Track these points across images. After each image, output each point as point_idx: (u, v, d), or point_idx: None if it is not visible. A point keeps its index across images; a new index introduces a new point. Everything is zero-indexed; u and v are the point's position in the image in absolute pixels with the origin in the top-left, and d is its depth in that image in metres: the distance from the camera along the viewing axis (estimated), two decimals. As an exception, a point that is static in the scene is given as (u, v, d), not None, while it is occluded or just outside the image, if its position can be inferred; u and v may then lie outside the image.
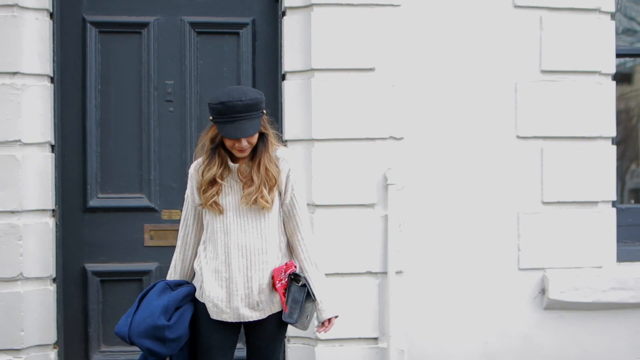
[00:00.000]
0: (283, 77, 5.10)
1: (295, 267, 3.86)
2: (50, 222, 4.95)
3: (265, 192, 3.72)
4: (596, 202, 5.17)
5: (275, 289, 3.79)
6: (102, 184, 5.11)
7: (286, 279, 3.81)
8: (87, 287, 5.07)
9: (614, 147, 5.24)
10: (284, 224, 3.87)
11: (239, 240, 3.77)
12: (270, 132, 3.82)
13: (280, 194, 3.81)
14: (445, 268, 5.06)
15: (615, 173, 5.23)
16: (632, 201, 5.90)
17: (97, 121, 5.11)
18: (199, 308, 3.85)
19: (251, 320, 3.82)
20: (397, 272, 4.99)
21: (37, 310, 4.88)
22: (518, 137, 5.12)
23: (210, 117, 3.74)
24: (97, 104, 5.11)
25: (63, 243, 5.03)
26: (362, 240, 4.99)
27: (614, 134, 5.23)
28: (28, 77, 4.88)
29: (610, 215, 5.20)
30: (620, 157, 5.54)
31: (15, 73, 4.84)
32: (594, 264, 5.15)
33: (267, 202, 3.73)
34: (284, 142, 3.90)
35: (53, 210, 4.98)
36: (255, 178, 3.73)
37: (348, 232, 4.98)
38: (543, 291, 5.10)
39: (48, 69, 4.95)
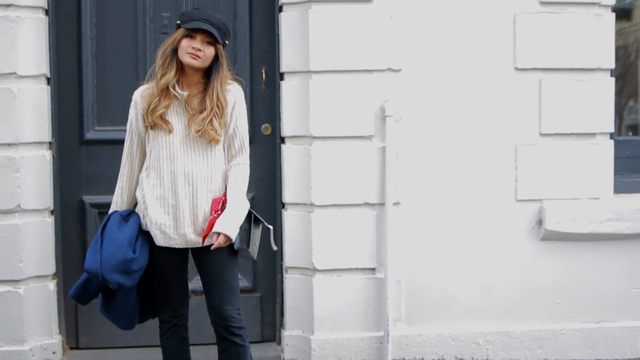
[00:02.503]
0: (280, 9, 5.06)
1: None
2: (47, 154, 4.95)
3: (215, 123, 3.75)
4: (594, 134, 5.16)
5: (210, 219, 3.80)
6: (99, 116, 5.09)
7: (222, 211, 3.82)
8: (85, 219, 5.09)
9: (613, 79, 5.20)
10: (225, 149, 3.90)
11: (185, 168, 3.78)
12: (225, 65, 3.84)
13: (225, 124, 3.82)
14: (443, 199, 5.07)
15: (613, 104, 5.20)
16: (630, 134, 5.89)
17: (93, 54, 5.07)
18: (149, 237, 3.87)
19: (199, 246, 3.83)
20: (394, 204, 4.99)
21: (35, 242, 4.91)
22: (516, 69, 5.09)
23: (178, 22, 3.81)
24: (92, 36, 5.07)
25: (60, 175, 5.04)
26: (359, 171, 4.99)
27: (612, 65, 5.19)
28: (22, 10, 4.84)
29: (608, 147, 5.19)
30: (619, 93, 5.52)
31: (9, 5, 4.79)
32: (591, 195, 5.15)
33: (217, 134, 3.77)
34: (237, 79, 3.93)
35: (50, 143, 4.98)
36: (208, 104, 3.76)
37: (345, 163, 4.98)
38: (540, 222, 5.12)
39: (42, 1, 4.90)
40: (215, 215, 3.78)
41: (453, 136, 5.06)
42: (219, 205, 3.80)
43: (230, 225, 3.76)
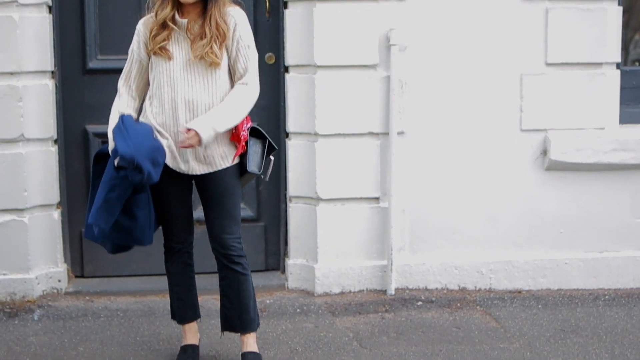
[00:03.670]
0: None
1: (251, 122, 3.89)
2: (49, 83, 4.93)
3: (215, 47, 3.71)
4: (600, 64, 5.12)
5: (237, 139, 3.80)
6: (101, 45, 5.05)
7: (247, 132, 3.84)
8: (89, 149, 5.07)
9: (620, 8, 5.15)
10: (232, 77, 3.85)
11: (186, 95, 3.75)
12: None
13: (227, 49, 3.78)
14: (448, 129, 5.06)
15: (620, 34, 5.16)
16: (637, 64, 5.84)
17: (95, -18, 5.05)
18: None
19: (200, 173, 3.83)
20: (398, 133, 4.99)
21: (39, 171, 4.92)
22: (523, -3, 5.06)
23: None
24: (94, -36, 5.03)
25: (63, 105, 5.03)
26: (363, 101, 4.97)
27: (619, -8, 5.16)
28: (22, -63, 4.80)
29: (614, 77, 5.15)
30: (625, 27, 5.45)
31: None
32: (597, 125, 5.13)
33: (217, 57, 3.72)
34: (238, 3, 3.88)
35: (52, 72, 4.96)
36: (207, 31, 3.72)
37: (349, 93, 4.96)
38: (545, 152, 5.11)
39: None
40: (243, 134, 3.80)
41: (458, 65, 5.02)
42: (244, 125, 3.81)
43: (204, 124, 3.68)
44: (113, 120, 3.85)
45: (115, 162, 3.66)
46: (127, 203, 3.76)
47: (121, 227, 3.81)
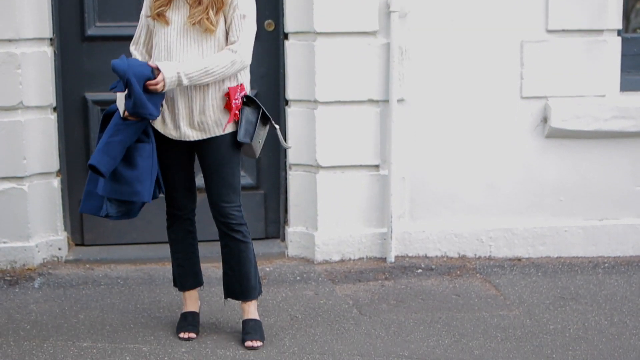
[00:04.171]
0: None
1: (245, 91, 3.87)
2: (48, 51, 4.91)
3: (211, 14, 3.72)
4: (601, 31, 5.09)
5: (230, 107, 3.79)
6: (100, 12, 5.02)
7: (240, 100, 3.82)
8: (88, 116, 5.06)
9: (621, -27, 5.14)
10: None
11: (180, 60, 3.75)
12: None
13: (225, 17, 3.77)
14: (448, 96, 5.04)
15: (622, 0, 5.12)
16: (638, 31, 5.81)
17: (92, -52, 5.00)
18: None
19: (194, 139, 3.83)
20: (398, 100, 4.97)
21: (38, 139, 4.91)
22: (523, -37, 5.02)
23: None
24: None
25: (62, 72, 5.00)
26: (363, 68, 4.95)
27: (620, -42, 5.11)
28: None
29: (615, 45, 5.13)
30: (627, -6, 5.44)
31: None
32: (597, 92, 5.11)
33: (211, 24, 3.72)
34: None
35: (51, 39, 4.93)
36: None
37: (349, 60, 4.93)
38: (545, 119, 5.09)
39: None
40: (235, 103, 3.79)
41: (459, 32, 5.00)
42: (237, 93, 3.80)
43: (170, 66, 3.68)
44: None
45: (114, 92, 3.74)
46: (130, 152, 3.76)
47: (121, 177, 3.77)
